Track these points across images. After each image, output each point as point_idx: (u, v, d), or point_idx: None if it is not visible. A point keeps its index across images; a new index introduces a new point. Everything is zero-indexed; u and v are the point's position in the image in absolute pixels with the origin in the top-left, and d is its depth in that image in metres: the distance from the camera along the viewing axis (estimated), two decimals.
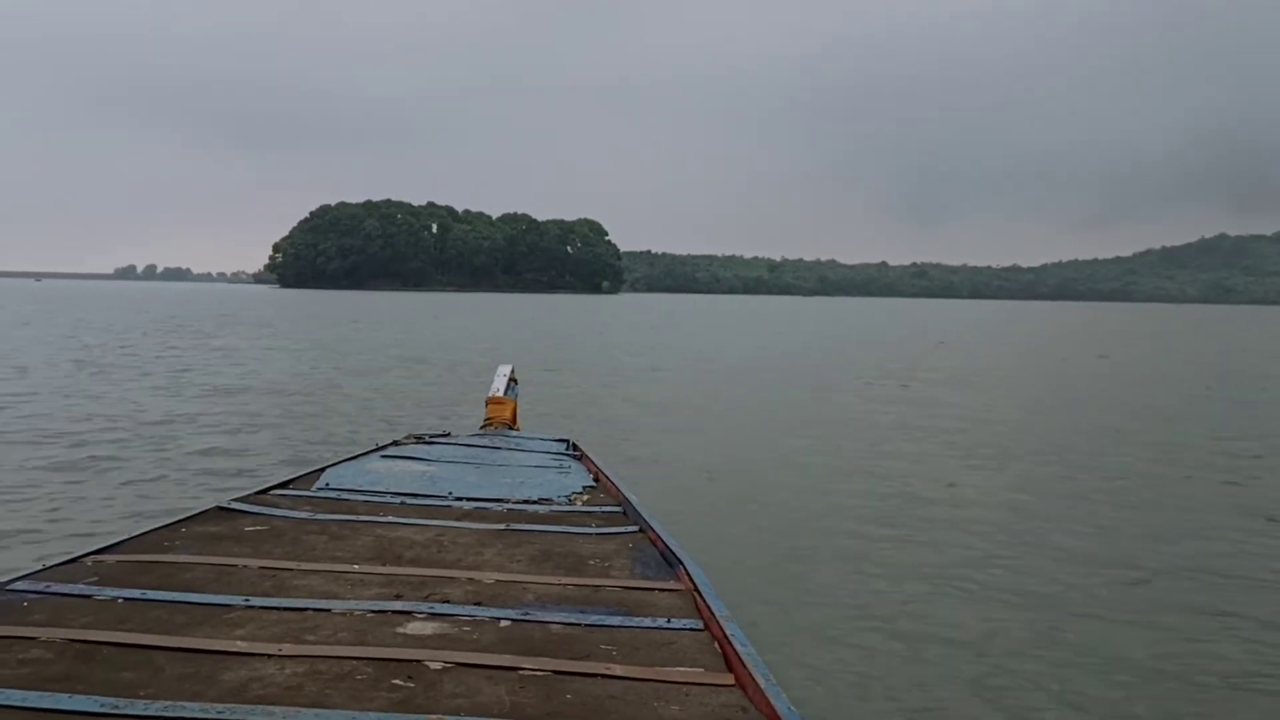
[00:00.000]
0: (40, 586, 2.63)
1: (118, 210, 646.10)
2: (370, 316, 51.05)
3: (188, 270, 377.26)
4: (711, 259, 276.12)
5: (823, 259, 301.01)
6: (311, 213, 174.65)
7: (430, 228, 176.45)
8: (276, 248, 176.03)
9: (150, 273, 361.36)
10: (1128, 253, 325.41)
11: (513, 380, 7.17)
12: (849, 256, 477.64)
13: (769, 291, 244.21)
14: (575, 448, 5.60)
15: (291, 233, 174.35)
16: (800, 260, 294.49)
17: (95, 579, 2.73)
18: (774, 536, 7.18)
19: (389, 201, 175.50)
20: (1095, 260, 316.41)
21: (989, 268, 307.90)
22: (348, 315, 52.40)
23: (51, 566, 2.84)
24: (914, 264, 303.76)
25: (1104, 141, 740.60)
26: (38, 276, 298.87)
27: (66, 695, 1.94)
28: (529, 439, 6.02)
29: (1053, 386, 20.30)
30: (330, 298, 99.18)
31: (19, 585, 2.64)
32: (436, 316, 53.64)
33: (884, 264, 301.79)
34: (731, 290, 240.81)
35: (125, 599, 2.58)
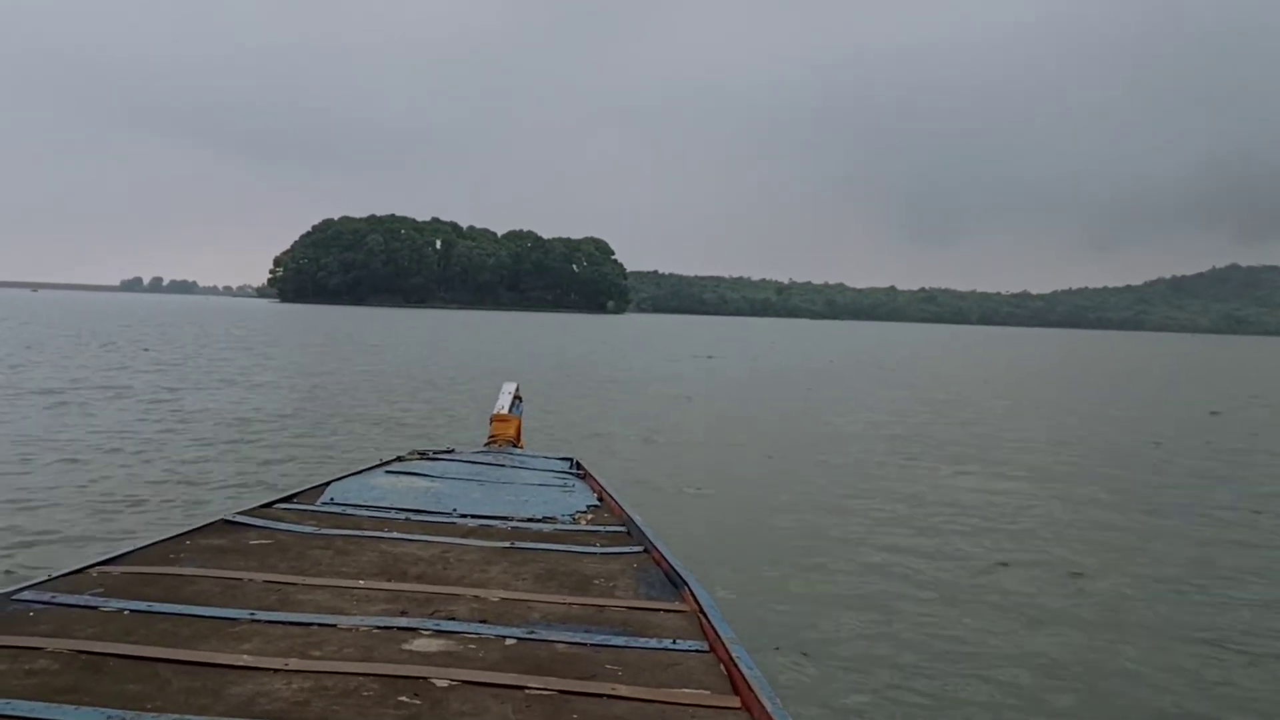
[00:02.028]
0: (46, 597, 2.64)
1: (127, 223, 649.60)
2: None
3: (194, 283, 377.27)
4: (719, 280, 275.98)
5: (830, 281, 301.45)
6: (314, 227, 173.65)
7: (434, 244, 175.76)
8: (277, 261, 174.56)
9: (156, 285, 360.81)
10: (1138, 281, 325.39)
11: (517, 398, 7.17)
12: (857, 279, 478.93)
13: (776, 314, 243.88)
14: (579, 467, 5.61)
15: (293, 247, 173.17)
16: (808, 283, 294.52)
17: (101, 590, 2.74)
18: (782, 558, 7.16)
19: (393, 216, 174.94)
20: (1105, 289, 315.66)
21: (998, 294, 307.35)
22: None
23: (57, 577, 2.84)
24: (922, 289, 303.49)
25: (1112, 167, 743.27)
26: (34, 287, 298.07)
27: (73, 706, 1.94)
28: (532, 457, 6.02)
29: None
30: (326, 313, 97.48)
31: (25, 595, 2.64)
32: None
33: (892, 288, 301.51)
34: (739, 312, 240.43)
35: (131, 611, 2.58)
